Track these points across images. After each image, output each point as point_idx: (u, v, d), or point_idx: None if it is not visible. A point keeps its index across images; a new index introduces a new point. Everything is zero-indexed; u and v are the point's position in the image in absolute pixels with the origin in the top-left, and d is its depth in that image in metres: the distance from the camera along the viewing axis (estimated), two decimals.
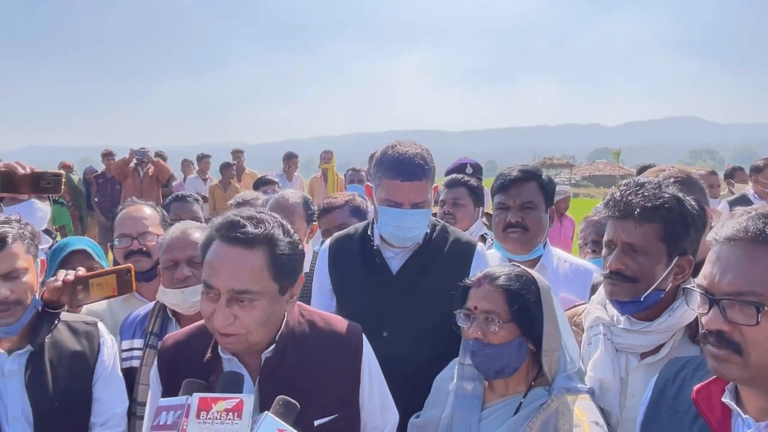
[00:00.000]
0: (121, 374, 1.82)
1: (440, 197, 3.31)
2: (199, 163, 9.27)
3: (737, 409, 1.12)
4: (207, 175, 9.09)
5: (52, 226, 2.18)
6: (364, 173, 6.85)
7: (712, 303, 1.09)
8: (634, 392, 1.54)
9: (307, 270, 2.42)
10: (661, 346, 1.55)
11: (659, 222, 1.49)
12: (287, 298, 1.41)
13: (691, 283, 1.36)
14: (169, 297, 1.91)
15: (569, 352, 1.57)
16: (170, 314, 1.97)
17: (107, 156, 8.99)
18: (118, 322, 2.07)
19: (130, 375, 1.87)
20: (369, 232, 2.06)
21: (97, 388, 1.72)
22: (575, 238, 5.92)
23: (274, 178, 5.38)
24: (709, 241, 1.13)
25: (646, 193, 1.51)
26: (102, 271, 1.98)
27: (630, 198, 1.52)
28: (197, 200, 3.33)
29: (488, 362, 1.54)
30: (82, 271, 1.87)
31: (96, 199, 8.60)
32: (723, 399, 1.15)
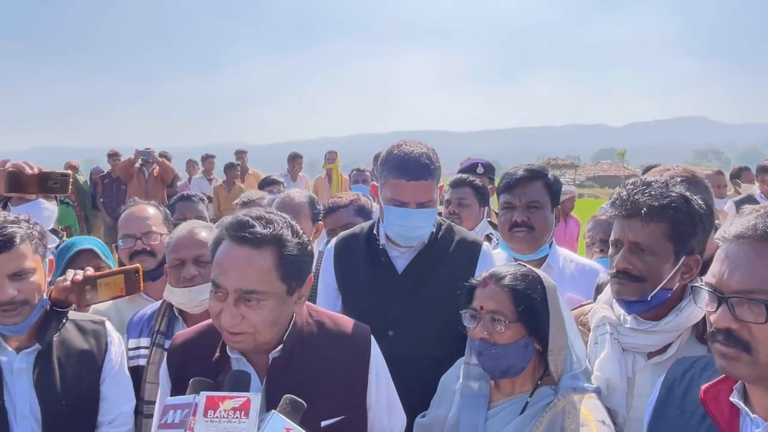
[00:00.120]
0: (128, 373, 1.83)
1: (445, 197, 3.31)
2: (204, 164, 9.30)
3: (745, 408, 1.12)
4: (212, 176, 9.12)
5: (58, 226, 2.19)
6: (368, 173, 6.86)
7: (720, 301, 1.08)
8: (641, 392, 1.54)
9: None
10: (668, 345, 1.55)
11: (666, 221, 1.49)
12: (295, 298, 1.41)
13: (698, 283, 1.36)
14: (176, 296, 1.92)
15: (575, 351, 1.57)
16: (177, 313, 1.98)
17: (113, 156, 9.03)
18: (124, 321, 2.08)
19: (137, 373, 1.88)
20: (374, 232, 2.06)
21: (104, 387, 1.73)
22: (580, 238, 5.92)
23: (279, 179, 5.39)
24: (718, 239, 1.13)
25: (653, 192, 1.51)
26: (110, 271, 1.99)
27: (637, 197, 1.52)
28: (202, 200, 3.34)
29: (494, 362, 1.54)
30: (90, 271, 1.88)
31: (101, 200, 8.64)
32: (731, 398, 1.14)
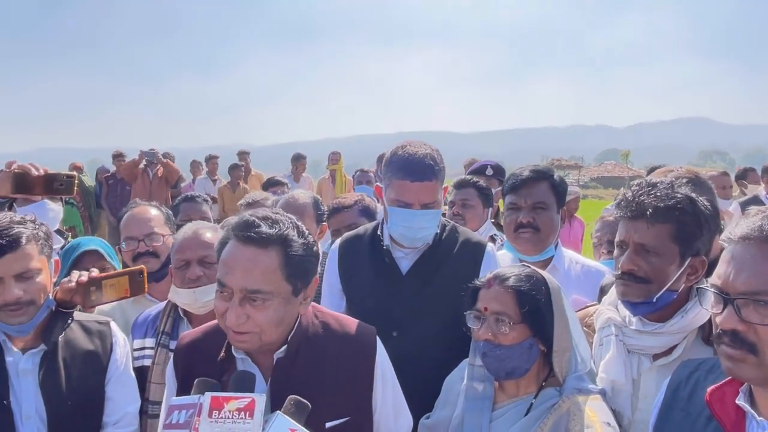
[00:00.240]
0: (133, 373, 1.83)
1: (449, 198, 3.31)
2: (208, 164, 9.31)
3: (751, 411, 1.11)
4: (216, 176, 9.13)
5: (63, 227, 2.20)
6: (372, 174, 6.86)
7: (726, 302, 1.08)
8: (647, 394, 1.54)
9: None
10: (674, 347, 1.54)
11: (672, 222, 1.49)
12: (301, 299, 1.41)
13: (704, 284, 1.35)
14: (181, 297, 1.92)
15: (580, 352, 1.57)
16: (182, 314, 1.99)
17: (118, 157, 9.06)
18: (129, 322, 2.09)
19: (142, 374, 1.89)
20: (379, 233, 2.06)
21: (109, 387, 1.74)
22: (585, 239, 5.91)
23: (283, 179, 5.39)
24: (723, 240, 1.12)
25: (658, 194, 1.50)
26: (115, 272, 1.99)
27: (642, 198, 1.51)
28: (206, 201, 3.35)
29: (499, 363, 1.54)
30: (95, 272, 1.89)
31: (106, 200, 8.67)
32: (737, 401, 1.14)
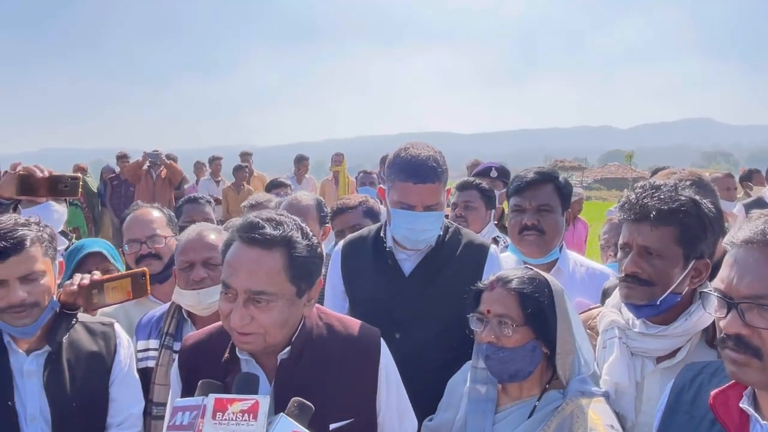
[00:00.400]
0: (137, 375, 1.84)
1: (452, 200, 3.31)
2: (211, 165, 9.31)
3: (755, 415, 1.11)
4: (219, 177, 9.14)
5: (67, 228, 2.21)
6: (375, 176, 6.87)
7: (730, 307, 1.08)
8: (650, 397, 1.53)
9: None
10: (678, 350, 1.54)
11: (676, 225, 1.48)
12: (305, 301, 1.42)
13: (707, 287, 1.35)
14: (185, 298, 1.93)
15: (584, 355, 1.57)
16: (185, 315, 1.99)
17: (122, 158, 9.08)
18: (132, 323, 2.10)
19: (146, 375, 1.89)
20: (382, 234, 2.06)
21: (113, 389, 1.74)
22: (589, 241, 5.90)
23: (286, 181, 5.40)
24: (726, 244, 1.12)
25: (662, 196, 1.50)
26: (117, 274, 2.00)
27: (646, 201, 1.51)
28: (209, 202, 3.36)
29: (502, 366, 1.54)
30: (97, 275, 1.89)
31: (110, 201, 8.69)
32: (741, 404, 1.14)
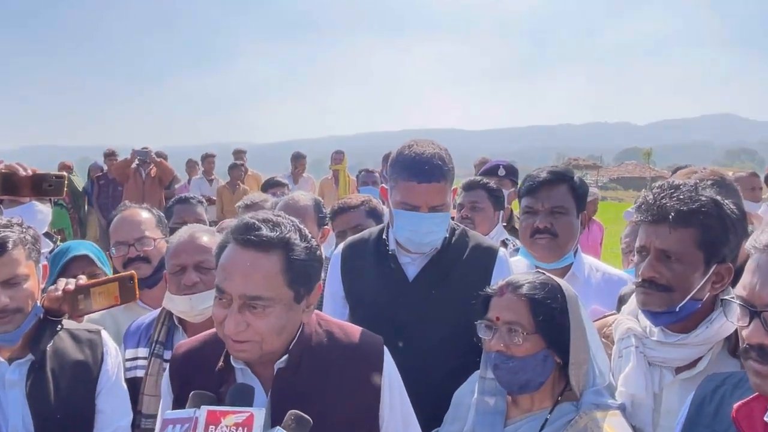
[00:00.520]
0: (125, 385, 1.84)
1: (458, 200, 3.31)
2: (204, 164, 9.31)
3: None
4: (212, 176, 9.14)
5: (51, 230, 2.22)
6: (378, 175, 6.87)
7: (753, 315, 1.07)
8: (669, 409, 1.53)
9: None
10: (698, 360, 1.54)
11: (696, 227, 1.48)
12: (303, 306, 1.42)
13: (730, 293, 1.35)
14: (176, 304, 1.93)
15: (598, 365, 1.56)
16: (176, 322, 2.00)
17: (110, 156, 9.10)
18: (121, 330, 2.10)
19: (134, 385, 1.90)
20: (384, 237, 2.06)
21: (100, 400, 1.74)
22: (604, 244, 5.88)
23: (283, 180, 5.41)
24: (748, 248, 1.12)
25: (681, 196, 1.50)
26: (103, 279, 2.00)
27: (664, 201, 1.51)
28: (201, 202, 3.36)
29: (511, 376, 1.53)
30: (83, 280, 1.90)
31: (97, 201, 8.70)
32: (765, 418, 1.13)
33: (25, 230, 1.67)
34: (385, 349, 1.55)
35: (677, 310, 1.50)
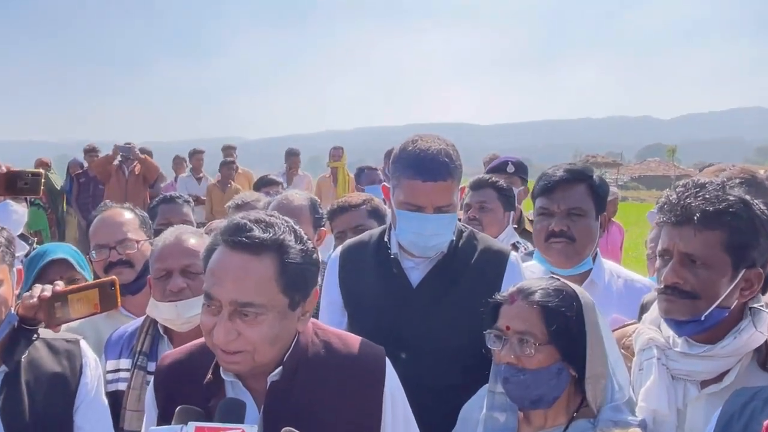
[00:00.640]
0: (105, 399, 1.84)
1: (465, 200, 3.31)
2: (192, 160, 9.34)
3: None
4: (201, 174, 9.17)
5: (28, 231, 2.23)
6: (380, 173, 6.87)
7: None
8: (694, 426, 1.53)
9: None
10: (725, 373, 1.53)
11: (723, 229, 1.48)
12: (299, 314, 1.42)
13: (760, 301, 1.34)
14: (161, 311, 1.93)
15: (617, 378, 1.56)
16: (162, 331, 2.00)
17: (90, 152, 9.13)
18: (102, 340, 2.10)
19: (116, 399, 1.90)
20: (386, 239, 2.07)
21: (78, 415, 1.75)
22: (624, 248, 5.88)
23: (278, 178, 5.42)
24: None
25: (707, 196, 1.50)
26: (82, 285, 2.00)
27: (688, 201, 1.51)
28: (188, 202, 3.37)
29: (523, 390, 1.54)
30: (60, 286, 1.90)
31: (76, 200, 8.73)
32: None
33: None
34: (387, 360, 1.56)
35: (703, 318, 1.50)
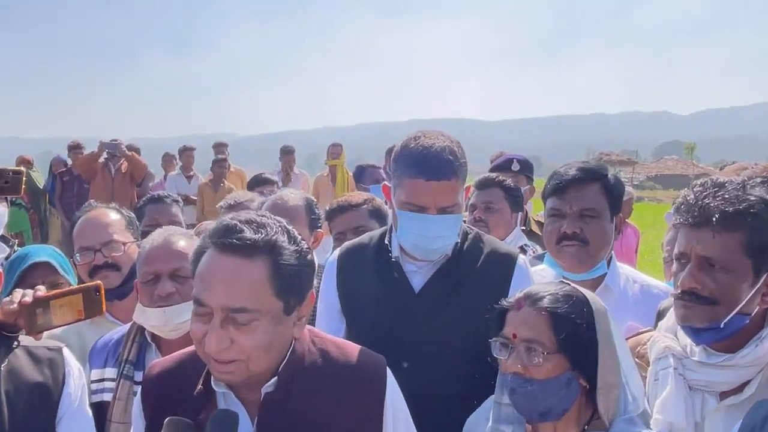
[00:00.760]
0: (89, 410, 1.84)
1: (470, 200, 3.32)
2: (182, 158, 9.34)
3: None
4: (191, 172, 9.17)
5: (8, 233, 2.24)
6: (382, 171, 6.87)
7: None
8: None
9: None
10: (746, 383, 1.54)
11: (743, 230, 1.49)
12: (294, 319, 1.42)
13: None
14: (149, 318, 1.93)
15: (631, 389, 1.57)
16: (149, 339, 2.00)
17: (75, 149, 9.13)
18: (87, 348, 2.11)
19: (101, 411, 1.90)
20: (386, 242, 2.07)
21: (61, 427, 1.74)
22: (640, 251, 5.88)
23: (273, 177, 5.43)
24: None
25: (726, 196, 1.50)
26: (66, 290, 2.00)
27: (707, 201, 1.51)
28: (176, 201, 3.38)
29: (531, 402, 1.54)
30: (42, 291, 1.90)
31: (60, 200, 8.74)
32: None
33: None
34: (388, 370, 1.56)
35: (722, 326, 1.51)
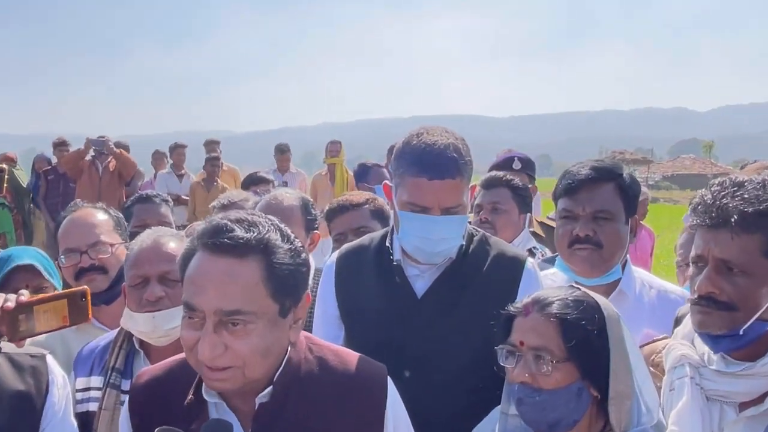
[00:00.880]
0: (74, 421, 1.84)
1: (476, 200, 3.32)
2: (172, 155, 9.37)
3: None
4: (182, 170, 9.19)
5: None
6: (385, 170, 6.88)
7: None
8: None
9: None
10: (767, 394, 1.53)
11: (763, 232, 1.48)
12: (290, 322, 1.43)
13: None
14: (137, 323, 1.93)
15: (645, 399, 1.57)
16: (137, 345, 2.01)
17: (60, 146, 9.16)
18: (72, 355, 2.11)
19: (86, 421, 1.90)
20: (387, 244, 2.07)
21: None
22: (655, 254, 5.88)
23: (268, 176, 5.44)
24: None
25: (746, 195, 1.50)
26: (50, 295, 2.00)
27: (725, 201, 1.51)
28: (166, 201, 3.39)
29: (539, 413, 1.54)
30: (25, 296, 1.90)
31: (44, 200, 8.75)
32: None
33: None
34: (389, 379, 1.56)
35: (741, 333, 1.50)
